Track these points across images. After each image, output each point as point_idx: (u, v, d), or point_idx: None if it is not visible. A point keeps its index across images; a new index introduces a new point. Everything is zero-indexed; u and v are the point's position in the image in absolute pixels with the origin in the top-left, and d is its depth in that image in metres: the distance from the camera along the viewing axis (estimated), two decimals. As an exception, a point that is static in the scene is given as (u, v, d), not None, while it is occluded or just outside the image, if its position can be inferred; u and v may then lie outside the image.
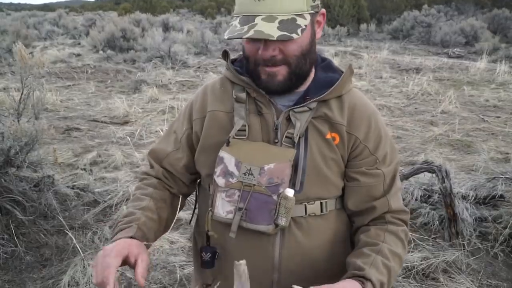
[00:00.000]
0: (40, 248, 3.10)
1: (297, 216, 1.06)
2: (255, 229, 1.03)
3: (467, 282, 2.73)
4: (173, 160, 1.19)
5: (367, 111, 1.12)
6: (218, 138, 1.09)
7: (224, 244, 1.12)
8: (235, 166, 1.04)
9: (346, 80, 1.10)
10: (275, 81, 1.04)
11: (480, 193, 3.67)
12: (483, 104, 7.73)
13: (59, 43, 15.00)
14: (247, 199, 1.02)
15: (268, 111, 1.09)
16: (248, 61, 1.06)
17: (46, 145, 4.96)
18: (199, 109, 1.16)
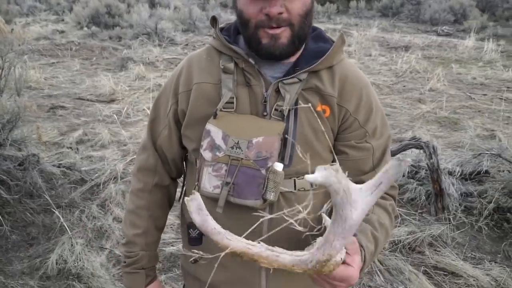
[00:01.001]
0: (27, 227, 3.08)
1: (286, 191, 1.03)
2: (243, 204, 1.00)
3: (452, 255, 2.78)
4: (164, 139, 1.17)
5: (359, 83, 1.08)
6: (205, 111, 1.05)
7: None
8: (222, 139, 1.01)
9: (337, 50, 1.06)
10: (279, 44, 0.99)
11: (466, 169, 3.72)
12: (470, 82, 7.76)
13: (41, 19, 14.60)
14: (234, 174, 0.99)
15: (256, 82, 1.05)
16: (247, 26, 1.00)
17: (31, 123, 4.88)
18: (184, 82, 1.11)
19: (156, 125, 1.19)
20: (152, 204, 1.23)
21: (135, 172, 1.24)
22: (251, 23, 0.99)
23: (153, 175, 1.21)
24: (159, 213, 1.26)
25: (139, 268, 1.22)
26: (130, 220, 1.23)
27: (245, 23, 1.00)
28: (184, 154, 1.21)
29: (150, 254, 1.24)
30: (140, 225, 1.22)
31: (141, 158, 1.23)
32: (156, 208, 1.24)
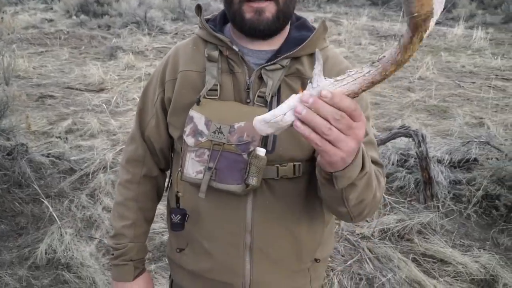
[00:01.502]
0: (15, 216, 3.06)
1: (269, 178, 1.03)
2: (226, 189, 1.00)
3: (441, 242, 2.81)
4: (152, 129, 1.17)
5: (338, 66, 1.09)
6: (190, 98, 1.05)
7: (196, 206, 1.10)
8: (205, 125, 1.01)
9: (319, 37, 1.07)
10: (263, 18, 0.99)
11: (455, 157, 3.75)
12: (459, 70, 7.80)
13: (30, 8, 14.36)
14: (216, 158, 1.00)
15: (240, 70, 1.05)
16: (231, 2, 1.01)
17: (19, 112, 4.82)
18: (170, 71, 1.12)
19: (144, 115, 1.19)
20: (141, 195, 1.23)
21: (124, 164, 1.24)
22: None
23: (142, 166, 1.21)
24: (148, 204, 1.26)
25: (128, 260, 1.22)
26: (119, 212, 1.23)
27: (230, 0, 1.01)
28: (172, 143, 1.20)
29: (138, 246, 1.24)
30: (128, 217, 1.22)
31: (129, 149, 1.23)
32: (145, 199, 1.24)
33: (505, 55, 8.76)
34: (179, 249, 1.19)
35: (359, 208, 0.94)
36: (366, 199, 0.93)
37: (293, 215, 1.09)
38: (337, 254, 2.70)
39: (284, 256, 1.12)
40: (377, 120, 5.22)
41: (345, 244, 2.80)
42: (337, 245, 2.78)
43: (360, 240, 2.83)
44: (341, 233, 2.89)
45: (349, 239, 2.84)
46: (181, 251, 1.19)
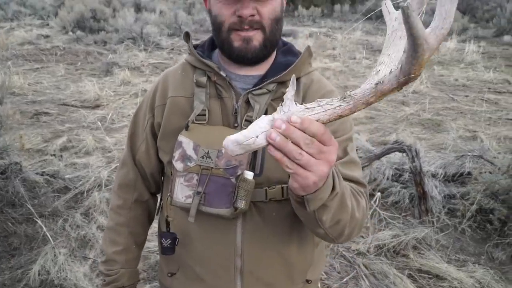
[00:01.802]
0: (8, 237, 3.03)
1: (258, 200, 1.04)
2: (215, 213, 1.02)
3: (436, 257, 2.81)
4: (142, 154, 1.19)
5: (321, 90, 1.11)
6: (179, 123, 1.07)
7: (186, 230, 1.11)
8: (193, 150, 1.03)
9: (304, 62, 1.10)
10: (251, 47, 1.03)
11: (449, 171, 3.77)
12: (452, 83, 7.87)
13: (26, 24, 14.43)
14: (205, 183, 1.01)
15: (227, 95, 1.08)
16: (220, 30, 1.04)
17: (14, 130, 4.82)
18: (160, 96, 1.14)
19: (135, 140, 1.21)
20: (132, 220, 1.24)
21: (115, 189, 1.25)
22: (224, 27, 1.03)
23: (133, 191, 1.22)
24: (139, 229, 1.26)
25: (120, 287, 1.22)
26: (110, 237, 1.24)
27: (219, 27, 1.04)
28: (162, 167, 1.21)
29: (130, 272, 1.24)
30: (120, 242, 1.22)
31: (121, 174, 1.24)
32: (136, 224, 1.25)
33: (497, 68, 8.85)
34: (170, 273, 1.19)
35: (336, 229, 0.95)
36: (343, 220, 0.93)
37: (282, 237, 1.10)
38: (333, 271, 2.70)
39: (275, 278, 1.12)
40: (372, 134, 5.25)
41: (341, 261, 2.80)
42: (333, 262, 2.77)
43: (355, 256, 2.83)
44: (336, 250, 2.89)
45: (344, 256, 2.83)
46: (172, 275, 1.19)
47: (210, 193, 1.01)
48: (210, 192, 1.01)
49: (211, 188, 1.01)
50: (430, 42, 0.54)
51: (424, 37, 0.53)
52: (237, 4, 0.99)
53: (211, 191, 1.01)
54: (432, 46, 0.54)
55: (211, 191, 1.01)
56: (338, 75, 8.23)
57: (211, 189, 1.01)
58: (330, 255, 2.84)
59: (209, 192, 1.01)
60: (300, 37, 11.81)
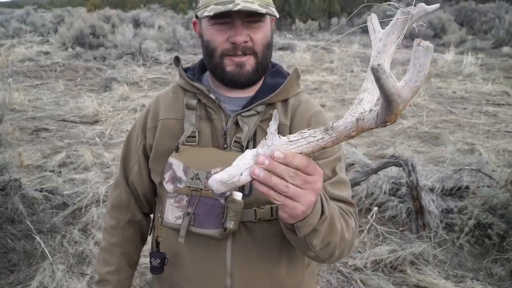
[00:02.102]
0: (8, 253, 3.04)
1: (247, 221, 1.06)
2: (204, 234, 1.03)
3: (433, 273, 2.80)
4: (135, 175, 1.21)
5: (308, 112, 1.14)
6: (170, 145, 1.10)
7: (176, 250, 1.13)
8: (183, 171, 1.05)
9: (292, 84, 1.13)
10: (244, 72, 1.06)
11: (447, 185, 3.77)
12: (450, 96, 7.91)
13: (27, 41, 14.58)
14: (195, 204, 1.03)
15: (217, 116, 1.10)
16: (213, 55, 1.06)
17: (14, 147, 4.85)
18: (152, 119, 1.17)
19: (127, 162, 1.23)
20: (125, 241, 1.25)
21: (109, 209, 1.27)
22: (217, 52, 1.05)
23: (126, 211, 1.24)
24: (131, 249, 1.28)
25: None
26: (103, 257, 1.25)
27: (212, 52, 1.06)
28: (155, 188, 1.23)
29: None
30: (112, 262, 1.24)
31: (114, 195, 1.26)
32: (129, 244, 1.26)
33: (495, 80, 8.89)
34: None
35: (327, 251, 0.97)
36: (333, 241, 0.95)
37: (272, 257, 1.11)
38: (330, 287, 2.69)
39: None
40: (370, 148, 5.27)
41: (338, 276, 2.79)
42: (330, 277, 2.77)
43: (352, 272, 2.83)
44: (333, 265, 2.88)
45: (341, 271, 2.83)
46: None
47: (200, 214, 1.03)
48: (199, 213, 1.03)
49: (200, 209, 1.03)
50: (403, 96, 0.55)
51: (397, 93, 0.54)
52: (230, 31, 1.02)
53: (201, 212, 1.03)
54: (406, 98, 0.55)
55: (200, 212, 1.03)
56: (335, 88, 8.29)
57: (201, 210, 1.03)
58: (327, 271, 2.84)
59: (198, 213, 1.03)
60: (298, 51, 11.90)
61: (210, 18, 1.03)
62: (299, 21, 18.05)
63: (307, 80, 8.92)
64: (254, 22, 1.02)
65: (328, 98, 7.47)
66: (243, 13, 0.99)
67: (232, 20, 1.02)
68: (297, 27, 17.80)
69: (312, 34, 17.42)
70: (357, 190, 3.67)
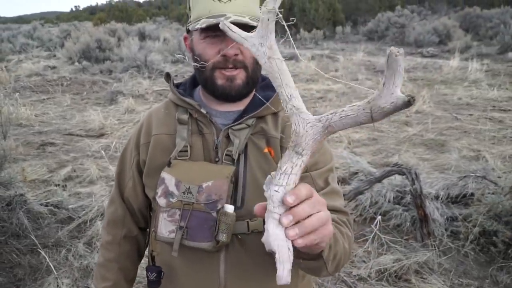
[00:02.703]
0: (13, 268, 3.06)
1: (240, 232, 1.07)
2: (197, 247, 1.04)
3: (438, 282, 2.77)
4: (130, 191, 1.23)
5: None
6: (162, 160, 1.11)
7: (171, 264, 1.14)
8: (175, 186, 1.06)
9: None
10: (234, 85, 1.07)
11: (452, 192, 3.75)
12: (456, 102, 7.87)
13: (34, 56, 14.79)
14: (187, 218, 1.04)
15: (208, 130, 1.12)
16: (204, 69, 1.08)
17: (20, 162, 4.90)
18: (144, 134, 1.19)
19: (122, 178, 1.25)
20: (122, 256, 1.26)
21: (105, 225, 1.28)
22: (208, 65, 1.07)
23: (122, 227, 1.25)
24: (128, 265, 1.29)
25: None
26: (101, 273, 1.26)
27: (203, 66, 1.08)
28: (149, 203, 1.25)
29: None
30: (109, 278, 1.25)
31: (109, 211, 1.27)
32: (125, 260, 1.28)
33: (501, 86, 8.85)
34: None
35: (335, 264, 0.97)
36: (338, 252, 0.96)
37: (265, 268, 1.12)
38: (334, 298, 2.68)
39: None
40: (375, 156, 5.25)
41: (342, 286, 2.78)
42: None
43: (357, 282, 2.81)
44: (337, 275, 2.87)
45: (345, 281, 2.81)
46: None
47: (192, 227, 1.04)
48: (192, 227, 1.04)
49: (193, 222, 1.04)
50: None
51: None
52: (221, 44, 1.04)
53: (193, 225, 1.04)
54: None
55: (193, 226, 1.04)
56: (340, 96, 8.29)
57: (193, 224, 1.04)
58: (331, 281, 2.82)
59: (191, 227, 1.04)
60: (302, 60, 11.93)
61: (202, 32, 1.05)
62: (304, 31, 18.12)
63: (311, 89, 8.93)
64: None
65: (333, 106, 7.47)
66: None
67: (223, 33, 1.03)
68: (302, 36, 17.88)
69: (317, 43, 17.47)
70: (361, 199, 3.66)
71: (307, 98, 8.24)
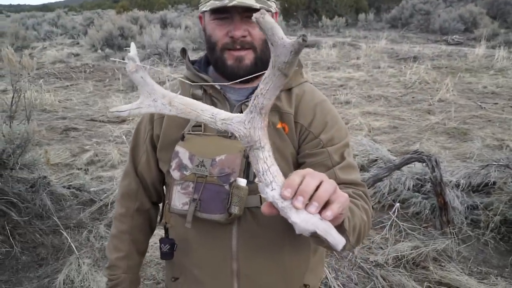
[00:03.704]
0: (36, 248, 3.15)
1: (252, 206, 1.09)
2: (210, 219, 1.06)
3: (457, 270, 2.75)
4: (143, 165, 1.25)
5: (314, 100, 1.16)
6: (176, 135, 1.13)
7: (184, 236, 1.17)
8: (189, 159, 1.08)
9: (295, 73, 1.15)
10: (242, 65, 1.09)
11: (474, 181, 3.69)
12: (481, 91, 7.70)
13: (58, 43, 15.04)
14: (200, 190, 1.06)
15: (222, 106, 1.13)
16: (214, 49, 1.11)
17: (44, 146, 5.02)
18: None
19: (136, 152, 1.27)
20: (134, 228, 1.29)
21: (119, 198, 1.31)
22: (217, 46, 1.10)
23: (135, 200, 1.28)
24: (140, 237, 1.32)
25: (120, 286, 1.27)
26: (114, 244, 1.30)
27: (213, 47, 1.11)
28: (163, 177, 1.27)
29: (131, 277, 1.30)
30: (122, 249, 1.28)
31: (123, 184, 1.30)
32: (138, 232, 1.31)
33: (529, 74, 8.61)
34: (174, 278, 1.26)
35: (355, 236, 0.96)
36: (357, 224, 0.96)
37: (277, 241, 1.14)
38: (350, 283, 2.68)
39: (271, 282, 1.16)
40: (395, 144, 5.19)
41: (359, 272, 2.77)
42: (350, 273, 2.75)
43: (373, 268, 2.80)
44: (354, 261, 2.87)
45: (362, 267, 2.81)
46: (176, 280, 1.25)
47: (205, 200, 1.06)
48: (205, 199, 1.06)
49: (206, 195, 1.06)
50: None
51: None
52: (229, 26, 1.06)
53: (206, 198, 1.06)
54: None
55: (206, 198, 1.06)
56: (361, 84, 8.20)
57: (206, 196, 1.06)
58: (347, 266, 2.82)
59: (204, 199, 1.06)
60: (324, 47, 11.82)
61: (211, 13, 1.08)
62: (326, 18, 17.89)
63: (332, 77, 8.85)
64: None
65: (353, 94, 7.40)
66: (241, 8, 1.03)
67: (231, 15, 1.05)
68: (324, 23, 17.66)
69: (339, 30, 17.24)
70: (380, 186, 3.64)
71: (327, 86, 8.18)
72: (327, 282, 2.65)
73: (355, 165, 1.15)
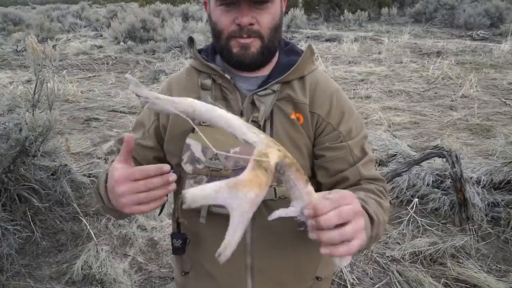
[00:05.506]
0: (56, 233, 3.22)
1: (267, 199, 1.05)
2: (225, 213, 1.02)
3: (475, 267, 2.70)
4: (141, 150, 1.17)
5: (329, 89, 1.12)
6: (185, 126, 1.08)
7: (197, 231, 1.14)
8: (202, 152, 1.04)
9: (307, 61, 1.11)
10: (248, 53, 1.04)
11: (496, 178, 3.61)
12: (506, 87, 7.51)
13: (81, 35, 15.24)
14: None
15: (233, 96, 1.10)
16: (220, 37, 1.06)
17: (66, 135, 5.11)
18: None
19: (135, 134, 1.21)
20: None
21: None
22: (223, 34, 1.05)
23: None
24: None
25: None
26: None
27: (219, 34, 1.06)
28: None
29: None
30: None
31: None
32: None
33: (557, 71, 8.36)
34: (184, 272, 1.23)
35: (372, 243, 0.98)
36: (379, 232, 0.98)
37: (291, 235, 1.11)
38: (366, 277, 2.66)
39: (285, 275, 1.14)
40: (416, 139, 5.12)
41: (374, 267, 2.75)
42: (366, 268, 2.74)
43: (389, 263, 2.78)
44: (370, 255, 2.85)
45: (378, 262, 2.79)
46: (186, 274, 1.23)
47: None
48: None
49: None
50: None
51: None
52: (236, 12, 1.01)
53: None
54: None
55: None
56: (382, 79, 8.09)
57: None
58: (363, 261, 2.80)
59: None
60: (345, 42, 11.70)
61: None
62: (348, 12, 17.68)
63: (353, 71, 8.76)
64: (260, 4, 1.01)
65: (374, 89, 7.31)
66: None
67: (238, 1, 1.01)
68: (346, 17, 17.45)
69: (361, 24, 17.01)
70: (398, 181, 3.59)
71: (348, 80, 8.10)
72: (342, 276, 2.64)
73: (373, 158, 1.13)
